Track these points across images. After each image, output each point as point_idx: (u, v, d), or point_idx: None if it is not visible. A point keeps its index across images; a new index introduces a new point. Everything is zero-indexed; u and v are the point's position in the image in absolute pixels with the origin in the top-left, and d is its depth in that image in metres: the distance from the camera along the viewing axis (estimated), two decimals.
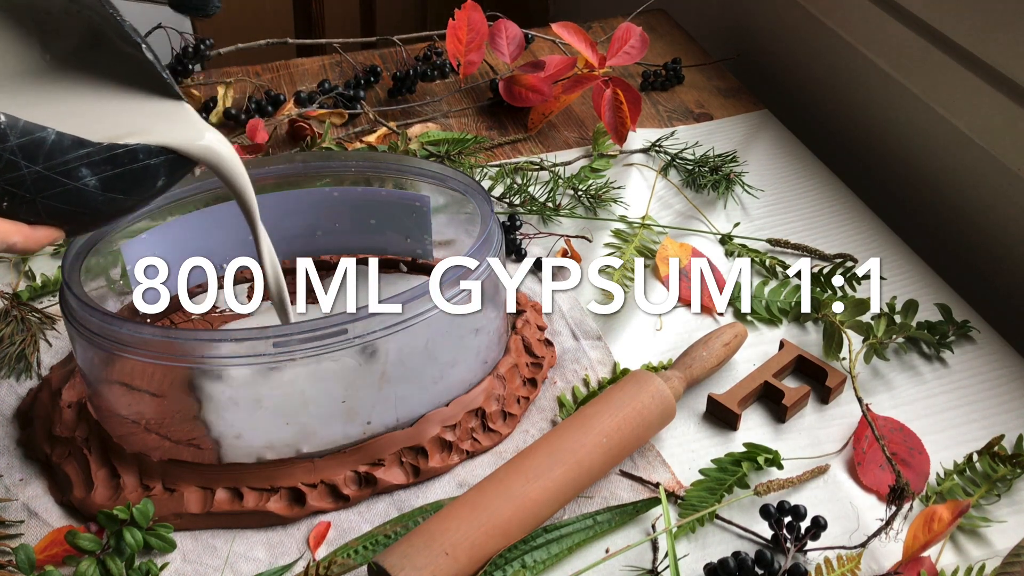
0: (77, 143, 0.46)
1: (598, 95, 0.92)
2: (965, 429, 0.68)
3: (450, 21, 0.98)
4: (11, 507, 0.62)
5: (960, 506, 0.53)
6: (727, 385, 0.70)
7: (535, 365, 0.71)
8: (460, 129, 1.00)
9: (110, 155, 0.47)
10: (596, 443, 0.61)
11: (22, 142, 0.44)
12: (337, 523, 0.61)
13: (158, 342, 0.56)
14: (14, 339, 0.71)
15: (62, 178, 0.46)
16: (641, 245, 0.83)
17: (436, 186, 0.71)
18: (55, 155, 0.45)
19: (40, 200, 0.46)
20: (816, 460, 0.66)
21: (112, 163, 0.47)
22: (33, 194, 0.45)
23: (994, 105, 0.81)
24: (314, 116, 0.99)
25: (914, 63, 0.90)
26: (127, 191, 0.49)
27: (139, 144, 0.48)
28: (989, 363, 0.73)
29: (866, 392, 0.71)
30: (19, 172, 0.44)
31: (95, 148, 0.47)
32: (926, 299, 0.79)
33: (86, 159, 0.46)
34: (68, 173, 0.46)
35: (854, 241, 0.86)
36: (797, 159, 0.97)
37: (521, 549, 0.58)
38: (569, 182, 0.90)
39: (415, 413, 0.64)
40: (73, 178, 0.46)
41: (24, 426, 0.67)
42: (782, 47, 1.13)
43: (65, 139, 0.45)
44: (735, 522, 0.61)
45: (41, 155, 0.45)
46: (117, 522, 0.56)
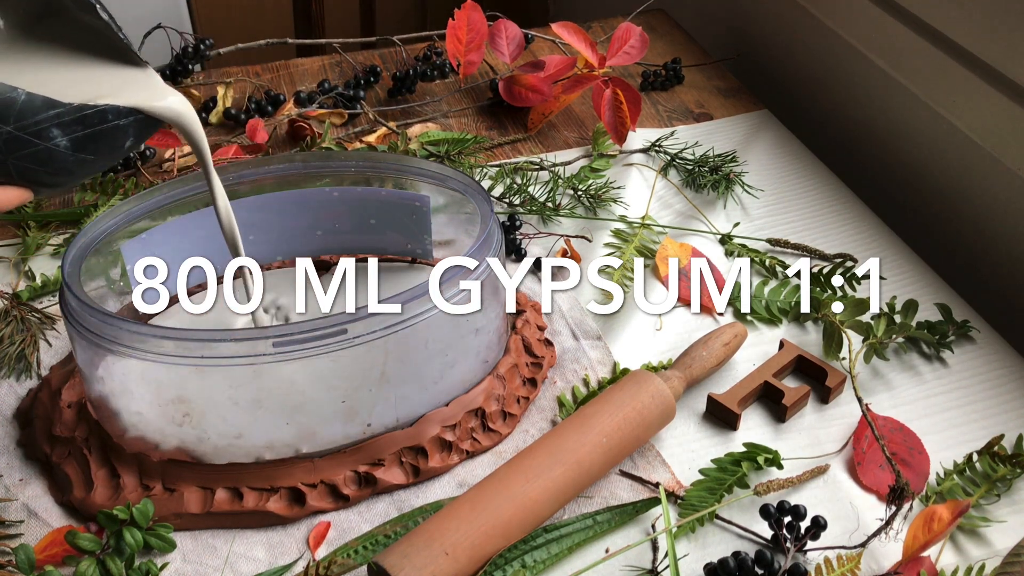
0: (48, 103, 0.47)
1: (598, 95, 0.92)
2: (965, 429, 0.68)
3: (450, 21, 0.98)
4: (11, 507, 0.62)
5: (960, 506, 0.53)
6: (727, 385, 0.70)
7: (535, 365, 0.71)
8: (460, 129, 1.00)
9: (80, 116, 0.48)
10: (596, 443, 0.61)
11: None
12: (337, 523, 0.61)
13: (158, 342, 0.56)
14: (14, 339, 0.71)
15: (33, 138, 0.47)
16: (641, 245, 0.83)
17: (436, 186, 0.71)
18: (26, 115, 0.46)
19: (11, 161, 0.47)
20: (816, 460, 0.66)
21: (82, 123, 0.48)
22: (4, 155, 0.46)
23: (994, 105, 0.81)
24: (314, 116, 0.99)
25: (914, 63, 0.90)
26: (97, 151, 0.50)
27: (108, 105, 0.49)
28: (989, 363, 0.73)
29: (866, 392, 0.71)
30: None
31: (65, 109, 0.47)
32: (926, 299, 0.79)
33: (56, 120, 0.47)
34: (39, 134, 0.47)
35: (854, 241, 0.86)
36: (797, 159, 0.97)
37: (521, 549, 0.58)
38: (569, 182, 0.90)
39: (415, 413, 0.64)
40: (44, 138, 0.47)
41: (24, 426, 0.67)
42: (782, 47, 1.13)
43: (36, 99, 0.46)
44: (735, 522, 0.61)
45: (12, 116, 0.46)
46: (117, 522, 0.56)
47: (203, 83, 1.06)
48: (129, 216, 0.66)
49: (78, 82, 0.51)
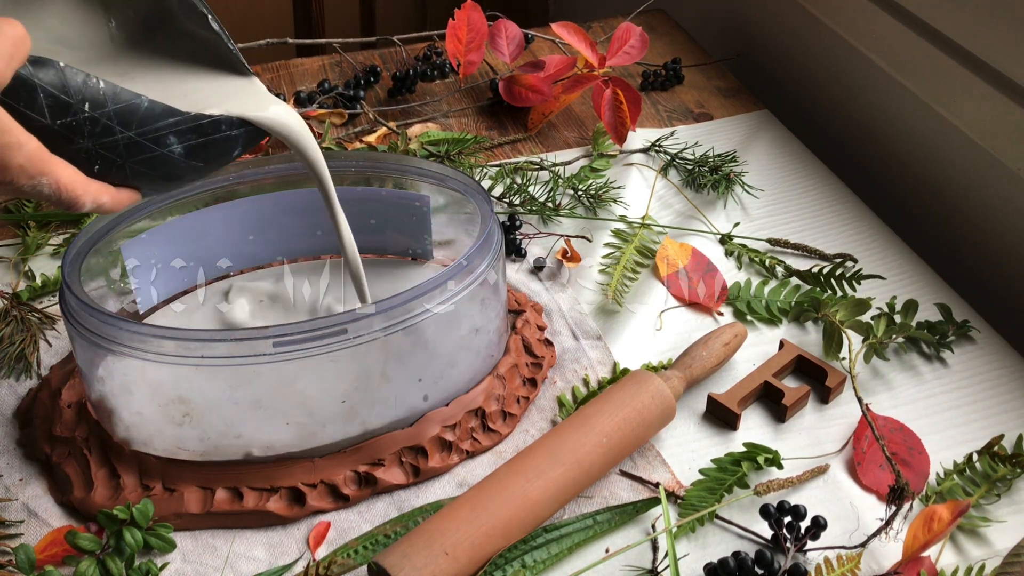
0: (168, 111, 0.48)
1: (598, 95, 0.92)
2: (965, 429, 0.68)
3: (450, 21, 0.98)
4: (11, 507, 0.62)
5: (960, 506, 0.53)
6: (727, 385, 0.70)
7: (535, 365, 0.71)
8: (460, 129, 1.00)
9: (196, 125, 0.50)
10: (596, 443, 0.61)
11: (118, 108, 0.46)
12: (337, 523, 0.61)
13: (158, 342, 0.56)
14: (14, 339, 0.71)
15: (151, 144, 0.48)
16: (641, 245, 0.83)
17: (436, 186, 0.71)
18: (147, 122, 0.47)
19: (129, 164, 0.48)
20: (816, 460, 0.66)
21: (197, 132, 0.50)
22: (124, 158, 0.48)
23: (994, 105, 0.81)
24: (314, 116, 0.99)
25: (914, 63, 0.90)
26: (207, 159, 0.51)
27: (223, 115, 0.51)
28: (989, 363, 0.73)
29: (866, 392, 0.71)
30: (113, 137, 0.47)
31: (183, 117, 0.49)
32: (926, 299, 0.79)
33: (174, 127, 0.49)
34: (157, 140, 0.48)
35: (854, 241, 0.86)
36: (797, 159, 0.97)
37: (521, 549, 0.58)
38: (569, 182, 0.90)
39: (415, 413, 0.64)
40: (161, 145, 0.49)
41: (24, 426, 0.67)
42: (782, 47, 1.13)
43: (157, 107, 0.48)
44: (735, 522, 0.61)
45: (135, 121, 0.47)
46: (117, 522, 0.56)
47: None
48: (129, 216, 0.66)
49: (190, 91, 0.52)
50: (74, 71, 0.44)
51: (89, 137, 0.46)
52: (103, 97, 0.45)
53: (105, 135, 0.46)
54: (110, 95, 0.46)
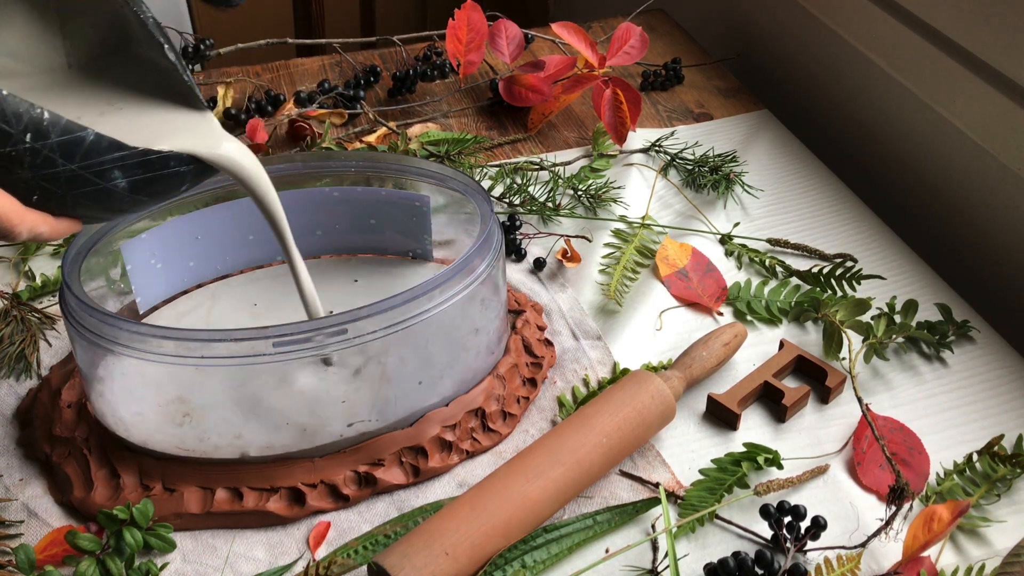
0: (114, 145, 0.46)
1: (598, 95, 0.92)
2: (965, 429, 0.68)
3: (450, 21, 0.98)
4: (11, 507, 0.62)
5: (960, 506, 0.53)
6: (727, 385, 0.70)
7: (535, 365, 0.71)
8: (460, 129, 1.00)
9: (143, 160, 0.48)
10: (596, 443, 0.61)
11: (62, 140, 0.44)
12: (337, 523, 0.61)
13: (158, 342, 0.56)
14: (14, 339, 0.71)
15: (95, 178, 0.47)
16: (641, 245, 0.83)
17: (436, 186, 0.71)
18: (91, 155, 0.46)
19: (70, 196, 0.47)
20: (816, 460, 0.66)
21: (144, 167, 0.48)
22: (65, 191, 0.46)
23: (994, 105, 0.81)
24: (314, 116, 0.99)
25: (914, 63, 0.90)
26: (152, 194, 0.50)
27: (171, 151, 0.49)
28: (989, 363, 0.73)
29: (866, 392, 0.71)
30: (55, 169, 0.45)
31: (130, 152, 0.47)
32: (926, 299, 0.79)
33: (120, 162, 0.47)
34: (101, 174, 0.47)
35: (854, 241, 0.86)
36: (797, 159, 0.97)
37: (521, 549, 0.58)
38: (569, 182, 0.90)
39: (415, 413, 0.64)
40: (105, 179, 0.47)
41: (24, 426, 0.67)
42: (782, 47, 1.13)
43: (103, 140, 0.46)
44: (735, 522, 0.61)
45: (78, 154, 0.45)
46: (117, 522, 0.56)
47: (203, 83, 1.06)
48: (129, 216, 0.66)
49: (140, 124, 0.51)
50: (17, 100, 0.42)
51: (29, 168, 0.44)
52: (46, 128, 0.44)
53: (46, 167, 0.44)
54: (54, 126, 0.44)
